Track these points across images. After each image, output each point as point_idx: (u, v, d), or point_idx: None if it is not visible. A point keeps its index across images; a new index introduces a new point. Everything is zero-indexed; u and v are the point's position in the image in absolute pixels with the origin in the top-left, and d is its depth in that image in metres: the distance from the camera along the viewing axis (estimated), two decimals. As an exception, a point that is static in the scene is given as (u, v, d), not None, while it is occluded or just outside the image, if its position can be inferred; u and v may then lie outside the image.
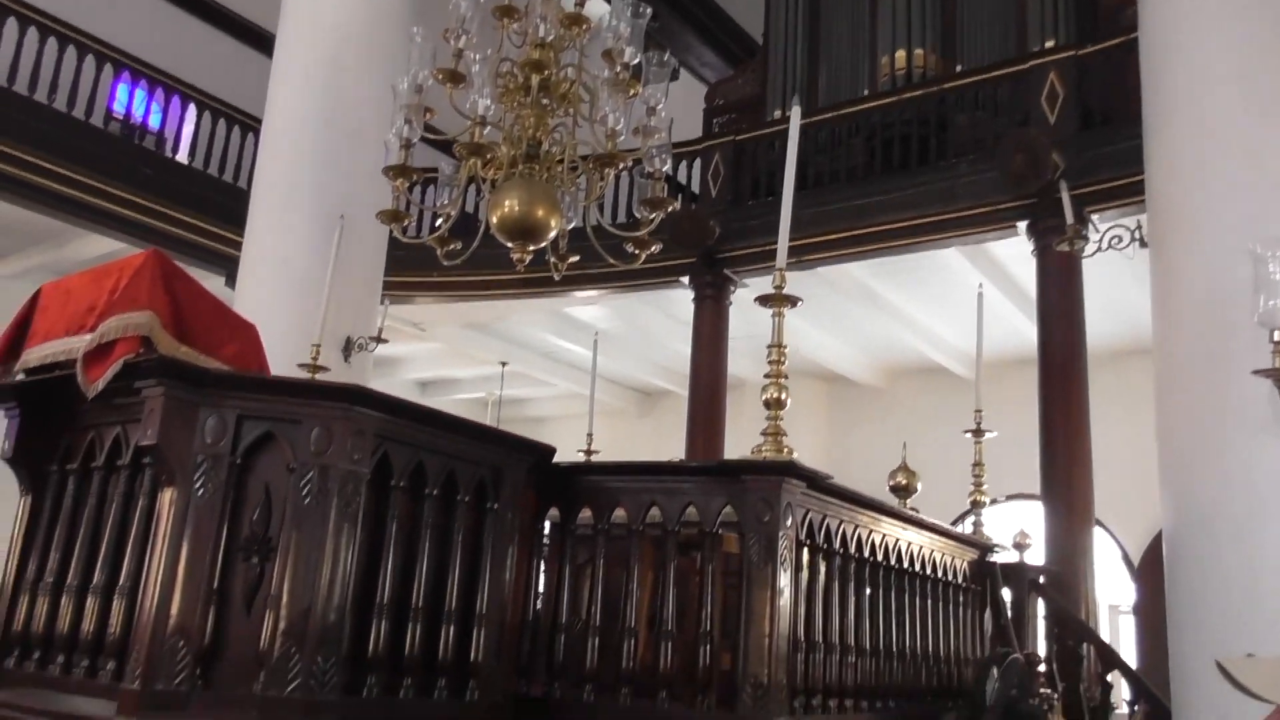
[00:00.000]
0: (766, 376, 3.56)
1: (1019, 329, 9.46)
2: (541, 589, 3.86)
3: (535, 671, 3.60)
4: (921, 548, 4.28)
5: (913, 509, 4.46)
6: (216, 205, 9.53)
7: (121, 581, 2.80)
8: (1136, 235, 5.88)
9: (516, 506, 3.33)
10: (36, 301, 3.06)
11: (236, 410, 2.76)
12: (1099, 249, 6.19)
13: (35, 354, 2.94)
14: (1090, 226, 7.28)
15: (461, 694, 3.08)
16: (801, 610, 3.46)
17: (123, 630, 2.73)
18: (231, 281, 8.25)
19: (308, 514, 2.72)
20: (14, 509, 3.26)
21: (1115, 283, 8.48)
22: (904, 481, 4.73)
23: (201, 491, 2.69)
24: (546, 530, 3.85)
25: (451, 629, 3.06)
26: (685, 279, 9.58)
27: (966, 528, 5.02)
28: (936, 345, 11.20)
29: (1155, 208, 5.71)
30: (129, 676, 2.61)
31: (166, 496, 2.71)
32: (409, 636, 2.94)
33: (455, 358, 13.49)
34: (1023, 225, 7.86)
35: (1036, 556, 6.23)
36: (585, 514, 3.73)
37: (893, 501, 4.43)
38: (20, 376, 3.06)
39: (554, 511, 3.75)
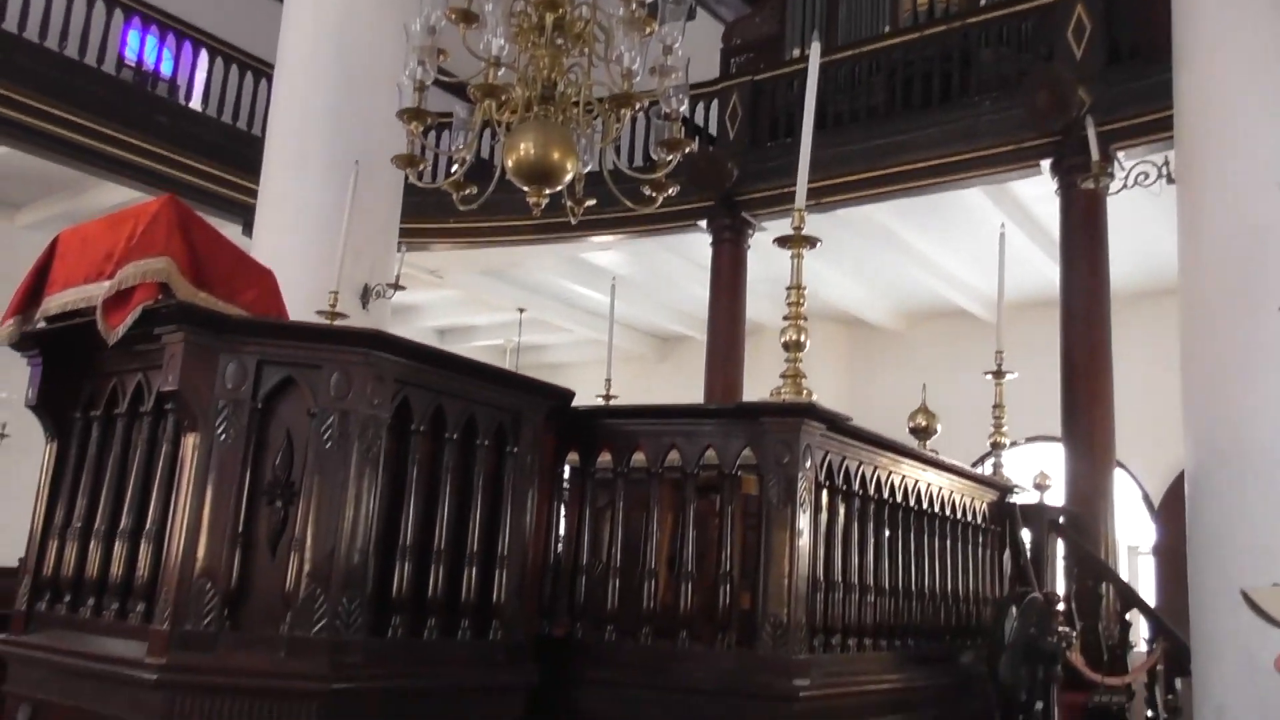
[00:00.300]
0: (786, 319, 3.54)
1: (1041, 270, 9.36)
2: (562, 532, 3.89)
3: (557, 612, 3.64)
4: (941, 489, 4.27)
5: (932, 451, 4.46)
6: (232, 153, 9.50)
7: (148, 526, 2.84)
8: (1164, 171, 5.77)
9: (536, 450, 3.34)
10: (55, 249, 3.06)
11: (256, 356, 2.77)
12: (1125, 186, 6.09)
13: (55, 301, 2.95)
14: (1116, 164, 7.16)
15: (485, 634, 3.12)
16: (821, 551, 3.48)
17: (151, 573, 2.77)
18: (249, 230, 8.25)
19: (329, 458, 2.74)
20: (41, 456, 3.31)
21: (1139, 223, 8.35)
22: (923, 423, 4.72)
23: (224, 437, 2.71)
24: (566, 474, 3.87)
25: (473, 571, 3.09)
26: (703, 222, 9.51)
27: (986, 469, 5.02)
28: (957, 288, 11.11)
29: (1184, 143, 5.59)
30: (158, 618, 2.65)
31: (189, 442, 2.73)
32: (432, 578, 2.97)
33: (473, 305, 13.51)
34: (1047, 164, 7.74)
35: (1056, 498, 6.23)
36: (605, 458, 3.75)
37: (912, 443, 4.42)
38: (41, 324, 3.07)
39: (573, 455, 3.77)
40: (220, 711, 2.58)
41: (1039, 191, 8.37)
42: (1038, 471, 5.15)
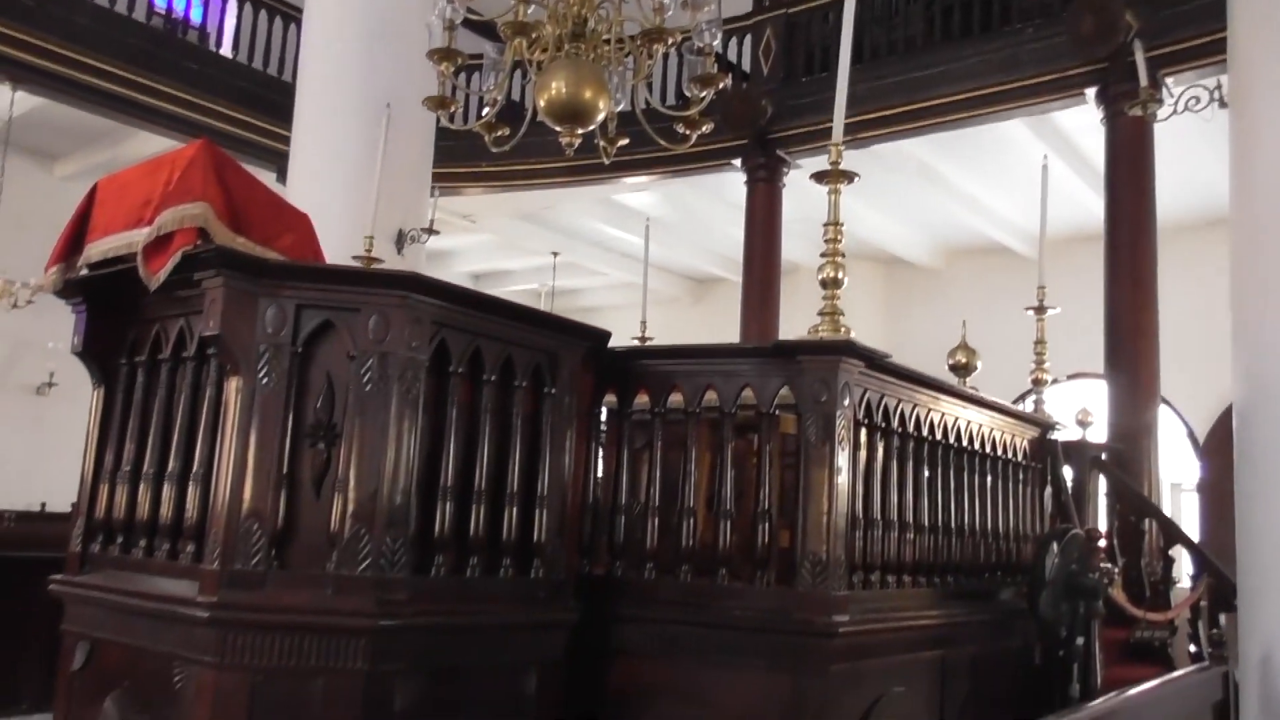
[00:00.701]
0: (823, 255, 3.50)
1: (1084, 203, 9.17)
2: (600, 474, 3.92)
3: (597, 552, 3.68)
4: (981, 426, 4.24)
5: (972, 388, 4.42)
6: (264, 100, 9.49)
7: (195, 468, 2.89)
8: (1215, 96, 5.58)
9: (573, 391, 3.35)
10: (94, 196, 3.08)
11: (295, 300, 2.78)
12: (1174, 112, 5.90)
13: (96, 249, 2.98)
14: (1165, 90, 6.95)
15: (526, 572, 3.16)
16: (859, 488, 3.47)
17: (199, 514, 2.83)
18: (283, 177, 8.28)
19: (369, 401, 2.77)
20: (88, 403, 3.37)
21: (1186, 153, 8.14)
22: (963, 360, 4.67)
23: (266, 380, 2.74)
24: (603, 416, 3.89)
25: (514, 510, 3.12)
26: (737, 161, 9.39)
27: (1027, 407, 4.97)
28: (997, 223, 10.93)
29: (1237, 66, 5.41)
30: (208, 558, 2.71)
31: (232, 386, 2.77)
32: (473, 518, 3.01)
33: (507, 249, 13.51)
34: (1091, 92, 7.52)
35: (1099, 435, 6.17)
36: (641, 399, 3.75)
37: (952, 380, 4.38)
38: (84, 271, 3.11)
39: (611, 397, 3.77)
40: (270, 648, 2.65)
41: (1082, 122, 8.16)
42: (1080, 408, 5.10)
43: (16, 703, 4.86)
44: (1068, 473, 4.90)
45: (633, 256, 12.50)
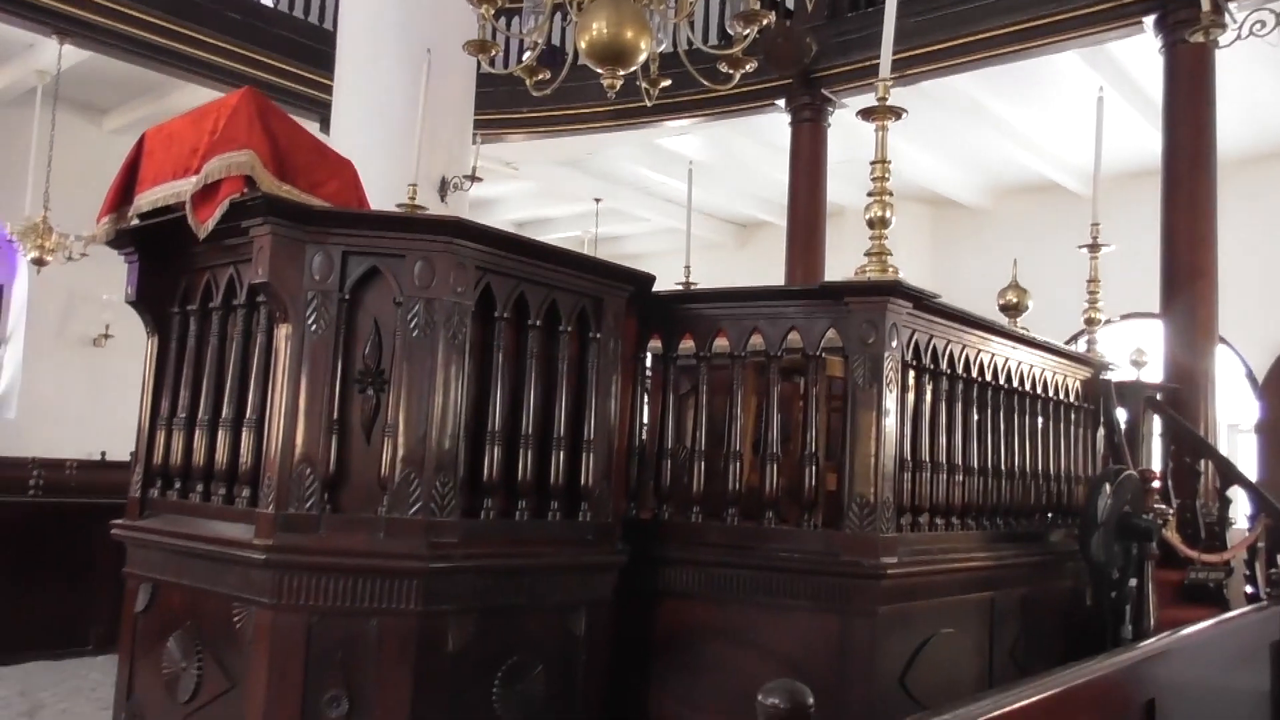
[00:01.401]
0: (870, 195, 3.44)
1: (1140, 137, 8.89)
2: (646, 419, 3.92)
3: (643, 496, 3.70)
4: (1032, 367, 4.18)
5: (1023, 329, 4.34)
6: (307, 50, 9.48)
7: (248, 415, 2.94)
8: (1282, 19, 5.35)
9: (618, 335, 3.35)
10: (142, 147, 3.11)
11: (341, 247, 2.80)
12: (1237, 37, 5.67)
13: (146, 198, 3.01)
14: (1227, 14, 6.67)
15: (574, 516, 3.19)
16: (908, 430, 3.44)
17: (253, 460, 2.89)
18: (326, 127, 8.29)
19: (417, 346, 2.78)
20: (143, 354, 3.43)
21: (1247, 83, 7.84)
22: (1014, 300, 4.58)
23: (314, 327, 2.77)
24: (648, 361, 3.88)
25: (561, 455, 3.14)
26: (781, 102, 9.22)
27: (1080, 347, 4.88)
28: (1048, 160, 10.66)
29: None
30: (263, 502, 2.77)
31: (282, 333, 2.80)
32: (521, 462, 3.03)
33: (549, 196, 13.47)
34: (1150, 20, 7.24)
35: (1154, 375, 6.06)
36: (686, 345, 3.74)
37: (1002, 321, 4.31)
38: (135, 222, 3.14)
39: (655, 343, 3.76)
40: (325, 589, 2.71)
41: (1139, 52, 7.87)
42: (1134, 348, 4.99)
43: (84, 644, 5.05)
44: (1121, 414, 4.82)
45: (675, 201, 12.40)
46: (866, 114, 3.43)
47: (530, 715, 2.99)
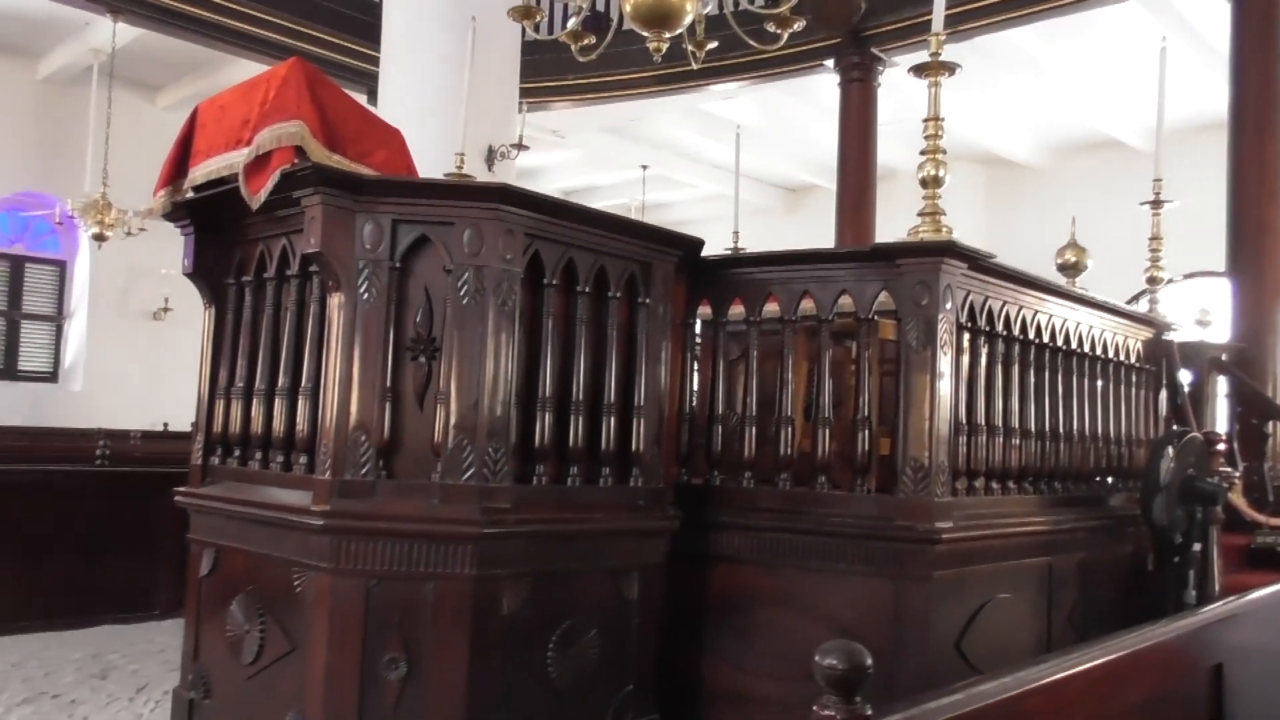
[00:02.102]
0: (923, 153, 3.37)
1: (1205, 89, 8.60)
2: (695, 385, 3.91)
3: (694, 462, 3.70)
4: (1091, 328, 4.09)
5: (1081, 289, 4.24)
6: (354, 21, 9.51)
7: (304, 383, 2.98)
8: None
9: (667, 301, 3.33)
10: (195, 120, 3.14)
11: (391, 215, 2.81)
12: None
13: (200, 171, 3.05)
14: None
15: (625, 481, 3.20)
16: (962, 394, 3.39)
17: (310, 427, 2.93)
18: (374, 99, 8.32)
19: (467, 313, 2.80)
20: (200, 326, 3.49)
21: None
22: (1072, 259, 4.47)
23: (366, 295, 2.79)
24: (698, 328, 3.86)
25: (612, 420, 3.14)
26: (829, 62, 9.06)
27: (1142, 307, 4.76)
28: (1109, 116, 10.38)
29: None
30: (320, 469, 2.81)
31: (334, 302, 2.83)
32: (572, 428, 3.04)
33: (596, 164, 13.43)
34: (1218, -37, 6.98)
35: (1219, 335, 5.90)
36: (735, 310, 3.71)
37: (1060, 281, 4.21)
38: (189, 194, 3.19)
39: (705, 309, 3.74)
40: (382, 554, 2.75)
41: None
42: (1199, 307, 4.86)
43: (151, 608, 5.20)
44: (1185, 375, 4.70)
45: (723, 167, 12.29)
46: (919, 70, 3.36)
47: (584, 678, 3.02)
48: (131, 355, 11.29)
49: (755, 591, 3.46)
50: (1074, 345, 3.99)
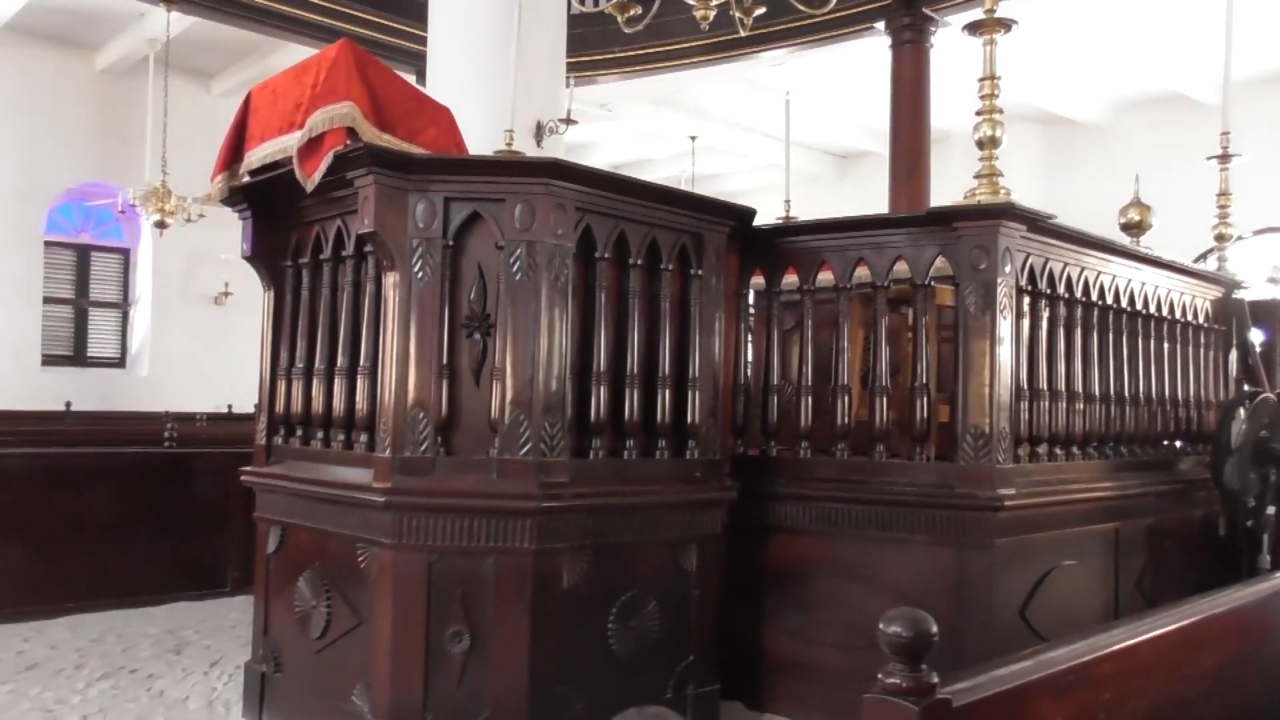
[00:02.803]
0: (979, 114, 3.31)
1: (1272, 40, 8.30)
2: (750, 356, 3.88)
3: (750, 433, 3.69)
4: (1156, 288, 3.99)
5: (1146, 248, 4.13)
6: (401, 2, 9.54)
7: (362, 362, 3.02)
8: None
9: (720, 272, 3.31)
10: (249, 105, 3.18)
11: (443, 193, 2.82)
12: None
13: (255, 155, 3.09)
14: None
15: (681, 453, 3.20)
16: (1023, 358, 3.33)
17: (369, 406, 2.96)
18: (422, 79, 8.35)
19: (520, 289, 2.80)
20: (260, 309, 3.54)
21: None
22: (1136, 218, 4.35)
23: (420, 274, 2.81)
24: (751, 299, 3.83)
25: (667, 393, 3.14)
26: (880, 24, 8.87)
27: (1210, 265, 4.63)
28: (1172, 68, 10.05)
29: None
30: (380, 446, 2.85)
31: (389, 281, 2.85)
32: (627, 402, 3.04)
33: (644, 137, 13.36)
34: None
35: (1290, 293, 5.70)
36: (789, 279, 3.67)
37: (1123, 240, 4.11)
38: (245, 179, 3.23)
39: (758, 279, 3.71)
40: (443, 529, 2.78)
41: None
42: (1271, 264, 4.70)
43: (222, 585, 5.33)
44: (1256, 334, 4.56)
45: (773, 136, 12.15)
46: (973, 28, 3.28)
47: (644, 649, 3.03)
48: (194, 339, 11.53)
49: (814, 561, 3.45)
50: (1139, 306, 3.90)
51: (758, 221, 3.57)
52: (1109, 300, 3.73)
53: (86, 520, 4.92)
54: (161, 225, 9.58)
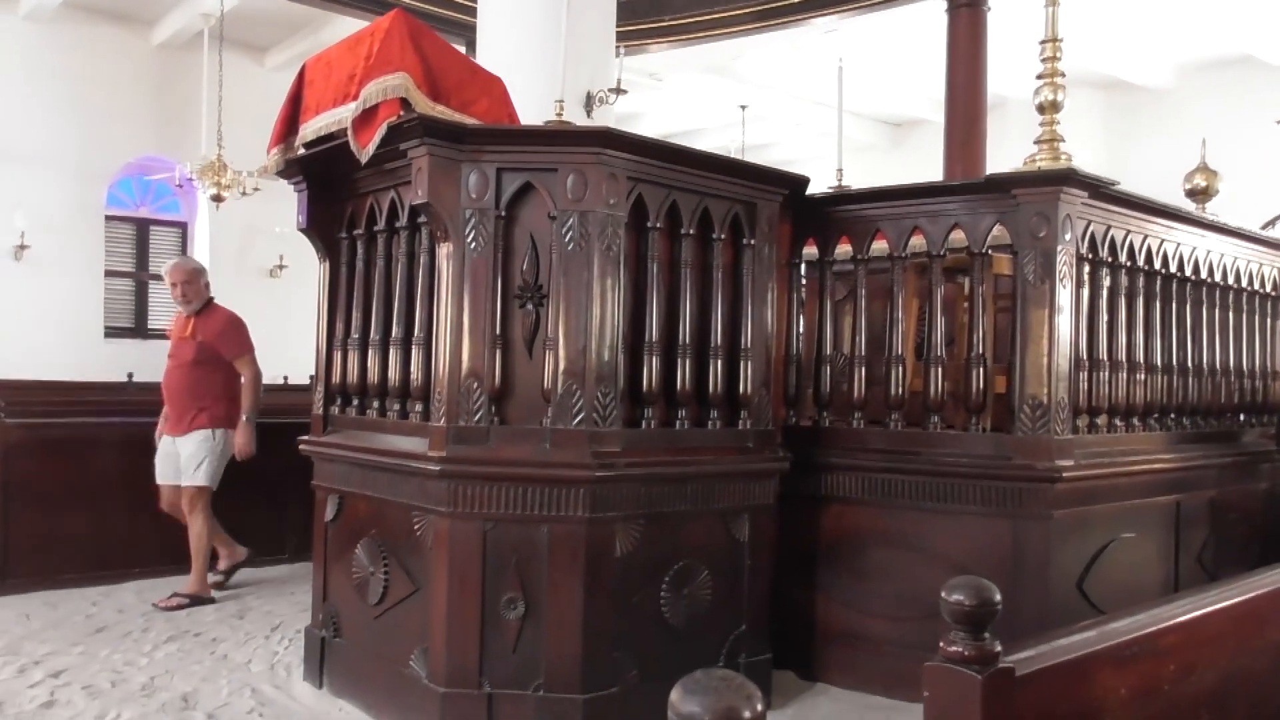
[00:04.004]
0: (1039, 77, 3.24)
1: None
2: (802, 327, 3.86)
3: (802, 403, 3.67)
4: (1222, 256, 3.88)
5: (1212, 215, 4.02)
6: (452, -29, 9.55)
7: (416, 333, 3.04)
8: None
9: (773, 241, 3.28)
10: (303, 77, 3.20)
11: (495, 164, 2.83)
12: None
13: (310, 127, 3.11)
14: None
15: (734, 424, 3.19)
16: (1083, 328, 3.27)
17: (424, 376, 2.99)
18: (472, 49, 8.36)
19: (573, 260, 2.81)
20: (315, 281, 3.59)
21: None
22: (1202, 184, 4.24)
23: (473, 244, 2.82)
24: (803, 268, 3.80)
25: (719, 363, 3.13)
26: (936, -11, 8.69)
27: (1278, 233, 4.49)
28: (1240, 29, 9.72)
29: None
30: (434, 416, 2.88)
31: (443, 252, 2.87)
32: (680, 372, 3.04)
33: (694, 106, 13.26)
34: None
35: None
36: (842, 249, 3.64)
37: (1189, 207, 4.00)
38: (300, 151, 3.26)
39: (810, 249, 3.68)
40: (497, 498, 2.81)
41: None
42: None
43: (281, 552, 5.44)
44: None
45: (824, 104, 11.99)
46: (1035, -11, 3.20)
47: (696, 618, 3.05)
48: (250, 312, 11.62)
49: (868, 532, 3.44)
50: (1204, 275, 3.80)
51: (810, 190, 3.53)
52: (1172, 268, 3.64)
53: (150, 488, 5.05)
54: (217, 199, 9.72)
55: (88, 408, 6.56)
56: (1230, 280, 3.94)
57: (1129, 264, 3.45)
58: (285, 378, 10.84)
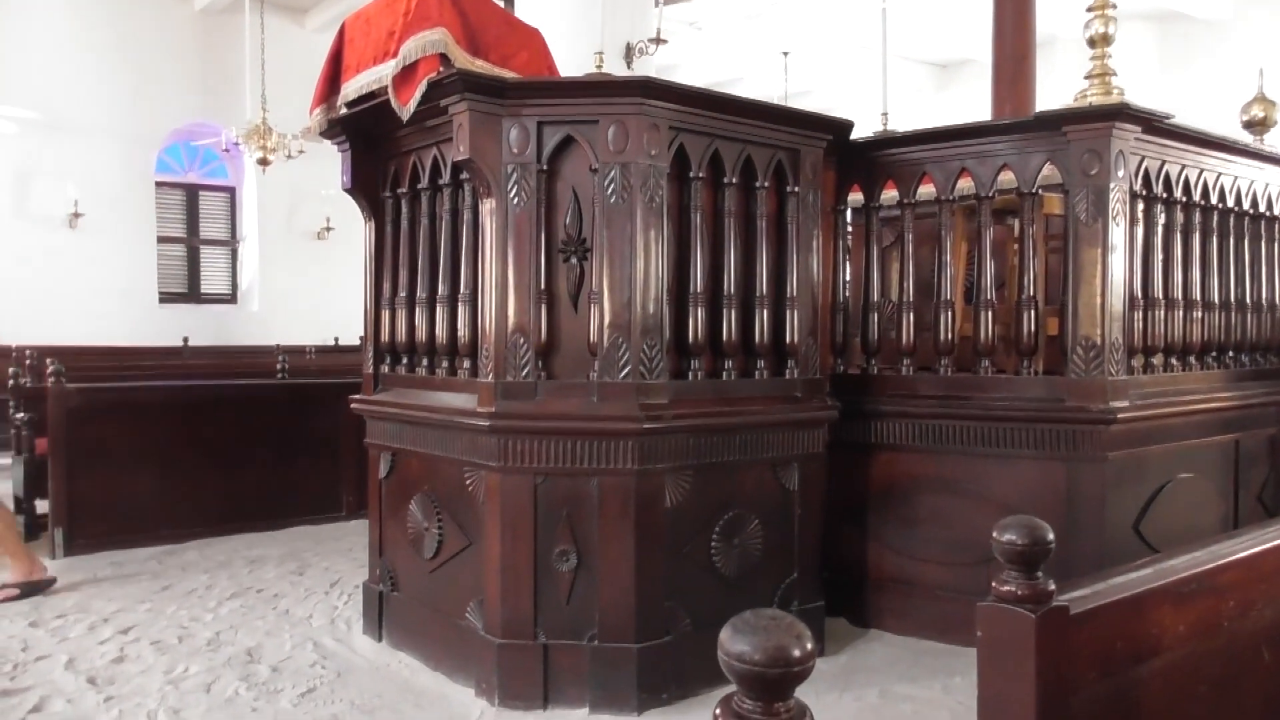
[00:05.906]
0: (1090, 9, 3.14)
1: None
2: (849, 274, 3.82)
3: (849, 351, 3.65)
4: (1283, 189, 3.76)
5: (1271, 147, 3.89)
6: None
7: (462, 290, 3.06)
8: None
9: (817, 188, 3.24)
10: (343, 36, 3.20)
11: (536, 118, 2.81)
12: None
13: (351, 86, 3.11)
14: None
15: (781, 373, 3.18)
16: (1138, 266, 3.20)
17: (471, 332, 3.02)
18: (510, 3, 8.31)
19: (615, 212, 2.80)
20: (361, 243, 3.62)
21: None
22: (1260, 115, 4.10)
23: (516, 199, 2.82)
24: (849, 215, 3.75)
25: (765, 313, 3.11)
26: (981, -77, 8.44)
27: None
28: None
29: None
30: (483, 372, 2.90)
31: (486, 208, 2.87)
32: (725, 322, 3.03)
33: (735, 55, 13.07)
34: None
35: None
36: (888, 194, 3.58)
37: (1247, 140, 3.88)
38: (343, 110, 3.27)
39: (855, 195, 3.63)
40: (546, 452, 2.84)
41: None
42: None
43: (338, 509, 5.57)
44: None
45: (868, 47, 11.76)
46: (1085, -83, 3.10)
47: (748, 567, 3.07)
48: (299, 275, 11.88)
49: (919, 478, 3.43)
50: (1263, 208, 3.69)
51: (854, 135, 3.48)
52: (1230, 203, 3.54)
53: (209, 450, 5.18)
54: (264, 162, 9.82)
55: (147, 372, 6.73)
56: (1292, 214, 3.82)
57: (1184, 199, 3.37)
58: (336, 339, 11.02)
